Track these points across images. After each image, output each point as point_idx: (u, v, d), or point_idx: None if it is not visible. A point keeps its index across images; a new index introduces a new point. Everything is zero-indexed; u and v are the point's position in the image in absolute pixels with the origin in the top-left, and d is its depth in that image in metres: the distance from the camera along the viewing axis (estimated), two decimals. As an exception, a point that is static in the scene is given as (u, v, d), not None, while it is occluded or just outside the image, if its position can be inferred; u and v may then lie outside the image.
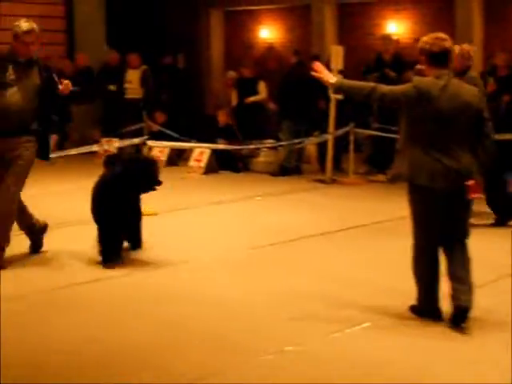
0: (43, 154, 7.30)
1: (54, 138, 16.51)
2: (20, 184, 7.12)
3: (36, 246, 7.64)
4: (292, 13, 18.20)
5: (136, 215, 7.67)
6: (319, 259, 7.63)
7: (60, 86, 7.20)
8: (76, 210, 8.86)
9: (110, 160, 7.89)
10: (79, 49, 17.30)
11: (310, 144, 13.64)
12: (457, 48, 9.42)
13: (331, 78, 5.78)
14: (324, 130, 12.72)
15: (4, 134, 7.01)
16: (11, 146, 7.04)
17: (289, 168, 13.33)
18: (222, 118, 14.44)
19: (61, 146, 15.75)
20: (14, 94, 6.99)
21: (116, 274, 6.97)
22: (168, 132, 13.81)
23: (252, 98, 14.75)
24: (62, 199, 10.42)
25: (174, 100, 16.19)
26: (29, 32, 7.06)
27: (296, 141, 13.04)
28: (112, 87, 15.79)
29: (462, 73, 9.16)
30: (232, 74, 15.56)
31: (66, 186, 10.98)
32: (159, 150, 13.97)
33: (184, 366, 4.90)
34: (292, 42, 18.00)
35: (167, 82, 16.17)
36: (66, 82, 7.22)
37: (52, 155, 9.56)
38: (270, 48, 18.43)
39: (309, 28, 17.61)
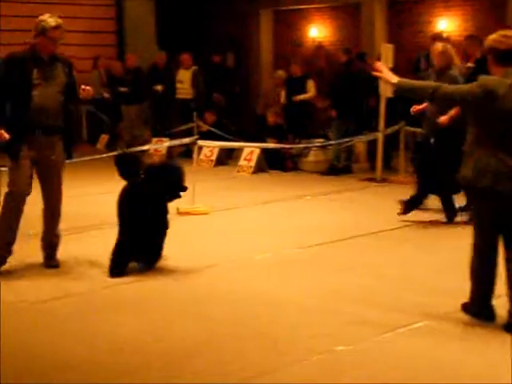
0: (67, 152, 7.16)
1: (104, 138, 16.79)
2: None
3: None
4: (341, 11, 18.13)
5: (160, 226, 7.19)
6: (369, 259, 7.59)
7: (81, 91, 7.11)
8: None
9: (125, 162, 7.41)
10: (129, 50, 17.45)
11: (360, 142, 13.57)
12: (439, 46, 9.38)
13: (393, 78, 5.69)
14: (374, 129, 12.65)
15: (39, 132, 6.90)
16: (45, 145, 6.95)
17: (338, 167, 13.27)
18: (271, 117, 14.44)
19: (111, 146, 15.98)
20: (43, 93, 6.86)
21: (167, 274, 7.01)
22: (218, 132, 13.85)
23: (301, 97, 14.74)
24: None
25: (223, 100, 16.24)
26: (57, 27, 6.89)
27: (345, 139, 12.98)
28: (159, 88, 15.90)
29: (442, 71, 9.11)
30: (281, 73, 15.55)
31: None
32: (209, 149, 14.04)
33: (237, 365, 4.91)
34: (341, 40, 17.93)
35: (217, 82, 16.22)
36: (88, 88, 7.15)
37: (103, 155, 9.72)
38: (319, 47, 18.38)
39: (358, 26, 17.52)
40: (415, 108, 9.38)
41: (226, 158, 14.57)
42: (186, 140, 11.17)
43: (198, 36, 18.77)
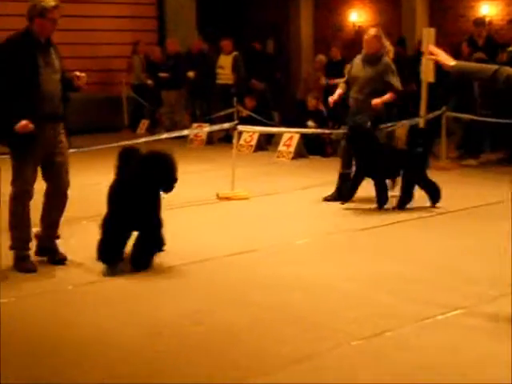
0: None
1: (144, 124, 16.89)
2: None
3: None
4: (382, -5, 18.02)
5: (152, 219, 6.79)
6: (412, 244, 7.56)
7: (75, 78, 6.80)
8: (186, 193, 8.98)
9: (126, 155, 7.13)
10: (170, 35, 17.49)
11: (400, 128, 13.46)
12: (372, 31, 9.27)
13: (450, 61, 5.54)
14: (414, 114, 12.54)
15: (45, 120, 6.55)
16: (53, 132, 6.67)
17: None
18: (311, 102, 14.39)
19: (152, 131, 16.08)
20: (46, 80, 6.52)
21: (207, 258, 7.05)
22: (257, 117, 13.84)
23: (338, 80, 14.65)
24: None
25: (263, 86, 16.23)
26: (57, 7, 6.51)
27: (388, 124, 12.87)
28: (191, 74, 15.92)
29: (374, 57, 9.01)
30: (321, 57, 15.49)
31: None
32: (249, 134, 14.06)
33: (278, 349, 4.94)
34: (381, 24, 17.77)
35: (258, 69, 16.21)
36: (83, 75, 6.85)
37: (142, 139, 9.75)
38: (360, 31, 18.27)
39: (399, 10, 17.39)
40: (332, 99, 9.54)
41: (266, 143, 14.58)
42: (226, 125, 11.19)
43: (239, 22, 18.76)
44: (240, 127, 10.73)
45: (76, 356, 4.89)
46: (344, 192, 9.19)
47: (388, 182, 9.29)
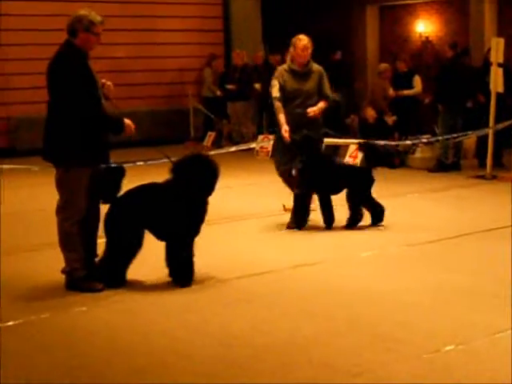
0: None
1: (211, 136, 17.00)
2: None
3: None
4: (449, 5, 17.83)
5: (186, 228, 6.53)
6: (479, 257, 7.45)
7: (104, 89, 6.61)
8: (250, 204, 9.00)
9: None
10: (236, 48, 17.58)
11: (469, 139, 13.31)
12: (305, 38, 8.95)
13: None
14: (483, 124, 12.38)
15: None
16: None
17: (446, 163, 13.05)
18: (370, 113, 14.33)
19: (218, 143, 16.18)
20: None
21: (273, 270, 7.05)
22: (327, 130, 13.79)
23: (406, 92, 14.57)
24: (232, 195, 10.56)
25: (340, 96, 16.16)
26: (103, 22, 6.43)
27: (454, 135, 12.75)
28: (257, 86, 15.97)
29: (308, 68, 8.72)
30: (385, 65, 15.38)
31: (231, 181, 11.13)
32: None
33: (345, 360, 4.92)
34: (448, 35, 17.63)
35: (340, 79, 16.13)
36: (109, 83, 6.67)
37: (211, 152, 9.82)
38: (426, 42, 18.13)
39: (466, 20, 17.19)
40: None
41: (332, 154, 14.52)
42: (335, 140, 11.19)
43: (304, 33, 18.76)
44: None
45: (146, 364, 4.93)
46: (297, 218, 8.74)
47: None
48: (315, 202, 8.92)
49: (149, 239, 6.73)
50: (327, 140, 12.36)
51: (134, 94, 16.83)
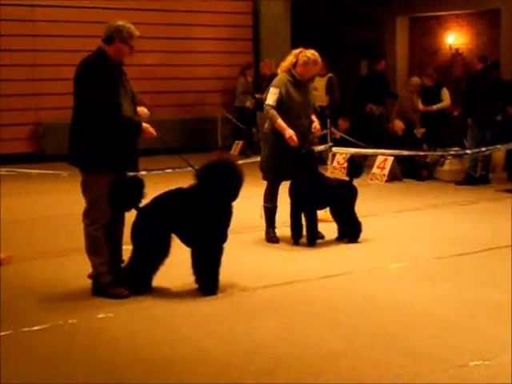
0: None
1: (239, 145, 17.01)
2: None
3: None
4: (480, 17, 17.75)
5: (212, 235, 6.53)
6: (506, 271, 7.36)
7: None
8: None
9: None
10: (265, 57, 17.60)
11: (498, 152, 13.22)
12: (315, 55, 8.49)
13: None
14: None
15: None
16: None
17: (475, 177, 12.97)
18: (398, 125, 14.29)
19: (246, 152, 16.20)
20: (124, 100, 6.51)
21: (301, 280, 7.04)
22: (350, 139, 13.78)
23: (435, 106, 14.51)
24: (256, 204, 10.54)
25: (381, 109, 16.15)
26: (139, 37, 6.57)
27: (482, 149, 12.67)
28: None
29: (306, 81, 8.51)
30: (416, 80, 15.34)
31: (255, 190, 11.13)
32: (342, 156, 14.00)
33: (373, 373, 4.88)
34: (479, 47, 17.57)
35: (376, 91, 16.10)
36: (145, 112, 6.80)
37: (240, 162, 9.81)
38: (456, 54, 18.06)
39: (497, 33, 17.10)
40: None
41: (363, 167, 14.47)
42: (321, 147, 11.18)
43: (332, 43, 18.75)
44: (334, 149, 10.71)
45: (169, 372, 4.93)
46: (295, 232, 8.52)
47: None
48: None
49: (175, 246, 6.74)
50: (356, 150, 12.37)
51: (163, 102, 16.88)
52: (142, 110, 6.83)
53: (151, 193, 6.64)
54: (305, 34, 18.66)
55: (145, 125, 6.55)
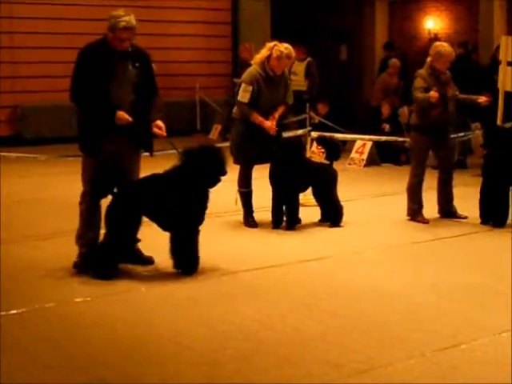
0: (149, 147, 6.98)
1: (217, 128, 16.97)
2: None
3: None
4: (459, 3, 17.80)
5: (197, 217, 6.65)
6: (484, 255, 7.44)
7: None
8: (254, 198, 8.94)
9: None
10: (244, 41, 17.53)
11: (476, 137, 13.27)
12: (288, 48, 8.44)
13: None
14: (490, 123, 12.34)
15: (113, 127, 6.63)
16: (122, 139, 6.70)
17: (452, 161, 13.00)
18: (386, 110, 14.29)
19: (224, 136, 16.15)
20: (117, 87, 6.64)
21: (280, 265, 7.05)
22: (329, 124, 13.78)
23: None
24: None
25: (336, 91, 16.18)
26: (129, 29, 6.56)
27: (460, 134, 12.70)
28: None
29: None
30: (395, 61, 15.32)
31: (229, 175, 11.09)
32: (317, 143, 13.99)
33: (349, 357, 4.91)
34: (457, 32, 17.61)
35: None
36: (161, 125, 6.90)
37: (218, 145, 9.77)
38: (435, 39, 18.08)
39: (476, 18, 17.15)
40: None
41: (341, 150, 14.48)
42: (300, 132, 11.17)
43: (313, 28, 18.73)
44: (313, 133, 10.70)
45: (148, 355, 4.93)
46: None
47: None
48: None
49: (152, 231, 6.73)
50: (336, 135, 12.38)
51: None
52: None
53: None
54: (286, 18, 18.63)
55: (120, 112, 6.58)
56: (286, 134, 11.33)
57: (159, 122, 6.87)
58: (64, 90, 7.15)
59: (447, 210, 9.00)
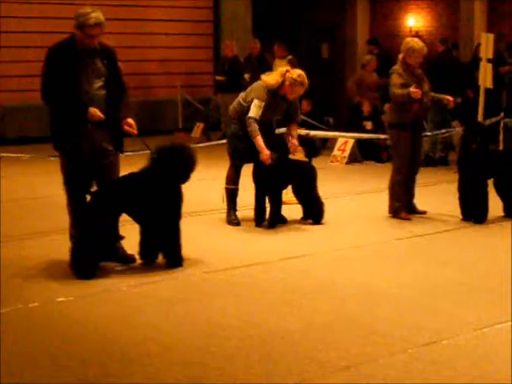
0: (119, 145, 6.96)
1: (199, 127, 16.95)
2: None
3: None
4: (440, 0, 17.86)
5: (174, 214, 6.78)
6: (467, 251, 7.48)
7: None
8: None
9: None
10: (225, 39, 17.53)
11: (457, 134, 13.33)
12: (295, 76, 8.29)
13: None
14: (471, 120, 12.40)
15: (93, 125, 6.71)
16: (95, 135, 6.75)
17: (434, 158, 13.08)
18: (367, 107, 14.32)
19: (207, 134, 16.16)
20: (87, 84, 6.68)
21: (263, 261, 7.06)
22: (311, 121, 13.79)
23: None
24: (217, 186, 10.53)
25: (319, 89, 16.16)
26: (98, 25, 6.58)
27: (442, 131, 12.77)
28: (246, 76, 15.95)
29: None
30: (370, 57, 15.34)
31: (216, 173, 11.08)
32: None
33: (333, 354, 4.92)
34: (439, 30, 17.67)
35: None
36: (132, 123, 6.84)
37: (200, 144, 9.80)
38: (416, 36, 18.13)
39: (457, 15, 17.23)
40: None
41: (320, 147, 14.51)
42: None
43: (294, 26, 18.74)
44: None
45: (130, 354, 4.93)
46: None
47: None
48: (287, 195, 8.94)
49: (136, 230, 6.74)
50: (318, 133, 12.41)
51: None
52: None
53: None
54: (267, 16, 18.64)
55: (92, 109, 6.59)
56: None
57: (130, 120, 6.86)
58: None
59: (408, 205, 9.02)
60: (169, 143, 6.86)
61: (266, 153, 8.21)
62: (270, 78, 8.45)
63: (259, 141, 8.23)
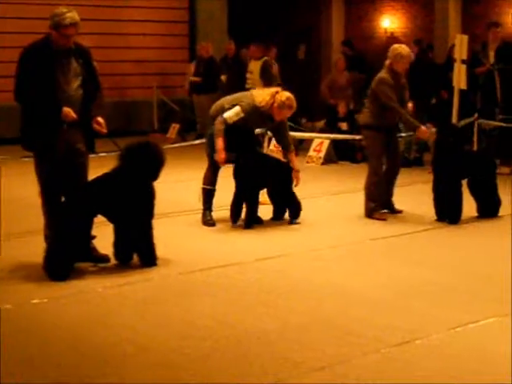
0: (90, 144, 6.99)
1: (175, 127, 16.93)
2: None
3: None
4: (414, 1, 17.97)
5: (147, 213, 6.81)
6: (441, 251, 7.53)
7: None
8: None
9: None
10: (201, 40, 17.52)
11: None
12: (284, 99, 8.36)
13: None
14: (445, 121, 12.47)
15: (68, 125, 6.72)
16: (70, 135, 6.77)
17: (409, 159, 13.15)
18: (343, 108, 14.37)
19: (182, 135, 16.14)
20: (63, 84, 6.69)
21: (238, 262, 7.07)
22: (288, 122, 13.77)
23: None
24: (192, 187, 10.54)
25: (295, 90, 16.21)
26: (73, 25, 6.58)
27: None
28: (222, 78, 15.95)
29: None
30: (340, 58, 15.40)
31: (191, 174, 11.07)
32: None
33: (307, 354, 4.93)
34: (414, 31, 17.77)
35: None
36: (101, 121, 6.85)
37: (175, 145, 9.78)
38: (391, 38, 18.22)
39: (431, 17, 17.34)
40: None
41: (296, 148, 14.54)
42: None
43: (270, 27, 18.76)
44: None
45: (106, 356, 4.92)
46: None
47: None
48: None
49: (109, 230, 6.71)
50: (295, 134, 12.43)
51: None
52: None
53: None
54: (243, 17, 18.64)
55: (66, 109, 6.60)
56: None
57: (99, 119, 6.85)
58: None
59: (387, 204, 9.09)
60: (136, 141, 6.87)
61: (221, 156, 8.23)
62: (259, 96, 8.47)
63: (220, 141, 8.25)
